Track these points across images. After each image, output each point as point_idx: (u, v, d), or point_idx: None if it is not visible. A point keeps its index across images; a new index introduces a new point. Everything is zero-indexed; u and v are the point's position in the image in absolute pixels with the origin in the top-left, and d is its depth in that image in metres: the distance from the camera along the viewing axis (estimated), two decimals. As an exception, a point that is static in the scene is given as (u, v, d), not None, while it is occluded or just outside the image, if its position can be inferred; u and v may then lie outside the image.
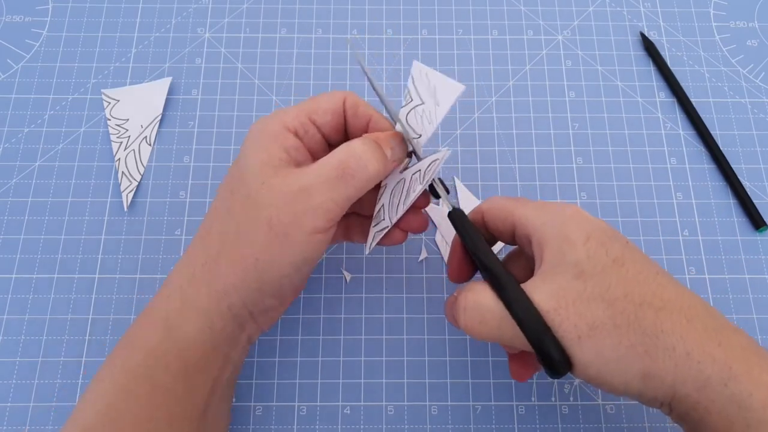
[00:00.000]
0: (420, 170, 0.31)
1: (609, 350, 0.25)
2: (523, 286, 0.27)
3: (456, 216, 0.31)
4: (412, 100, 0.31)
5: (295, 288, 0.32)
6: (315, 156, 0.31)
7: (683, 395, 0.24)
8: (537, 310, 0.26)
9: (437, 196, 0.32)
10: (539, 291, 0.26)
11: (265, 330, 0.33)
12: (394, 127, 0.32)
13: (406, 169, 0.32)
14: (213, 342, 0.29)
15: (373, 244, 0.33)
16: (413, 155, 0.32)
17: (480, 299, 0.27)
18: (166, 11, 0.48)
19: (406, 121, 0.31)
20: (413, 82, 0.31)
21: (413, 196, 0.31)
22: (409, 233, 0.34)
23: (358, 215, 0.35)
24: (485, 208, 0.31)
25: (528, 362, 0.32)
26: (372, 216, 0.34)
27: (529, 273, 0.29)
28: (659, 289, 0.26)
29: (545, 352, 0.25)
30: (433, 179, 0.31)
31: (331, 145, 0.32)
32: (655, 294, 0.25)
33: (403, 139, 0.31)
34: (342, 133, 0.32)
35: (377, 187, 0.33)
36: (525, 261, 0.32)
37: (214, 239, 0.29)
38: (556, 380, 0.37)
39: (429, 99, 0.31)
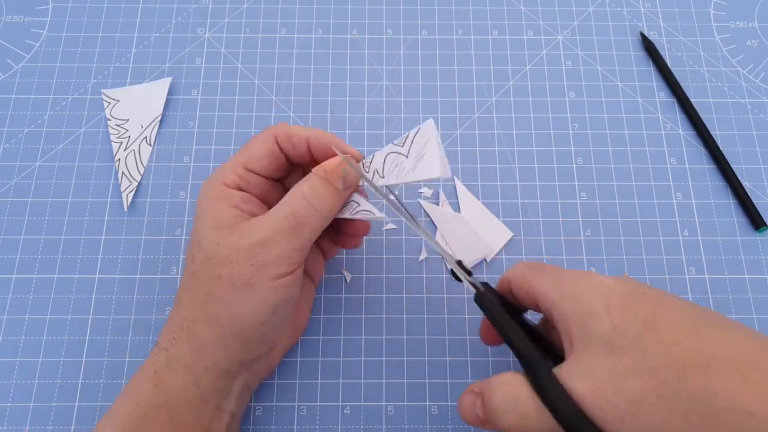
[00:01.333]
0: (358, 204, 0.31)
1: (659, 424, 0.22)
2: (558, 369, 0.25)
3: (482, 301, 0.29)
4: (402, 145, 0.30)
5: (283, 331, 0.32)
6: (265, 198, 0.32)
7: None
8: (570, 397, 0.24)
9: (459, 280, 0.31)
10: (573, 373, 0.24)
11: (264, 377, 0.34)
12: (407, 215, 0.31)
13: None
14: (201, 395, 0.29)
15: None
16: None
17: (518, 393, 0.25)
18: (166, 11, 0.48)
19: (384, 159, 0.30)
20: (415, 135, 0.30)
21: (339, 216, 0.31)
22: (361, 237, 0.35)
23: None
24: (511, 277, 0.30)
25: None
26: (337, 230, 0.34)
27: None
28: (701, 345, 0.23)
29: None
30: (453, 263, 0.30)
31: (278, 181, 0.33)
32: (698, 352, 0.23)
33: (350, 161, 0.30)
34: (286, 167, 0.32)
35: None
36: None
37: (184, 305, 0.30)
38: None
39: (412, 159, 0.30)
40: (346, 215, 0.31)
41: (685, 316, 0.25)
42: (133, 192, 0.42)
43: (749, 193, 0.42)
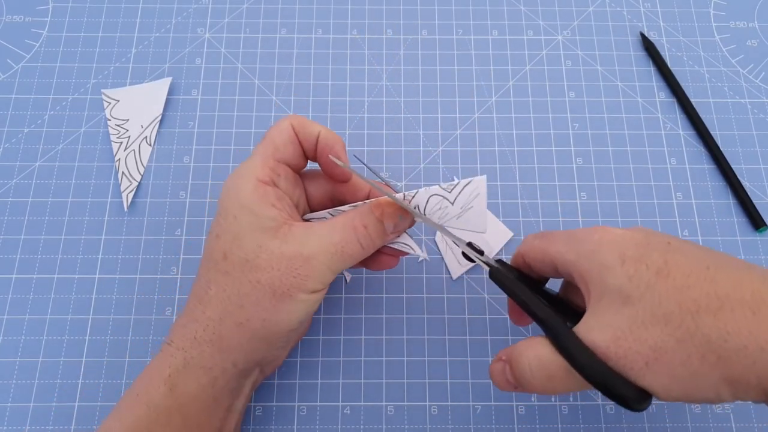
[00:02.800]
0: (409, 245, 0.33)
1: (681, 368, 0.23)
2: (577, 327, 0.26)
3: (497, 276, 0.30)
4: (450, 192, 0.30)
5: (300, 335, 0.34)
6: (290, 194, 0.31)
7: None
8: (593, 352, 0.25)
9: (471, 261, 0.31)
10: (593, 327, 0.25)
11: (269, 374, 0.34)
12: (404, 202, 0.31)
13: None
14: (215, 396, 0.29)
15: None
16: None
17: (542, 355, 0.26)
18: (166, 11, 0.48)
19: (428, 199, 0.30)
20: (465, 186, 0.30)
21: (396, 244, 0.32)
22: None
23: None
24: (524, 250, 0.30)
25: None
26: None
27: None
28: (712, 287, 0.24)
29: (614, 393, 0.24)
30: (464, 245, 0.31)
31: (299, 174, 0.33)
32: (709, 294, 0.24)
33: (408, 213, 0.31)
34: (303, 158, 0.32)
35: None
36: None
37: (213, 304, 0.29)
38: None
39: (457, 209, 0.30)
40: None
41: (697, 260, 0.25)
42: (133, 192, 0.42)
43: (749, 193, 0.42)
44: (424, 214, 0.31)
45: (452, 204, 0.30)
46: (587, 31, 0.48)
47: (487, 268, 0.31)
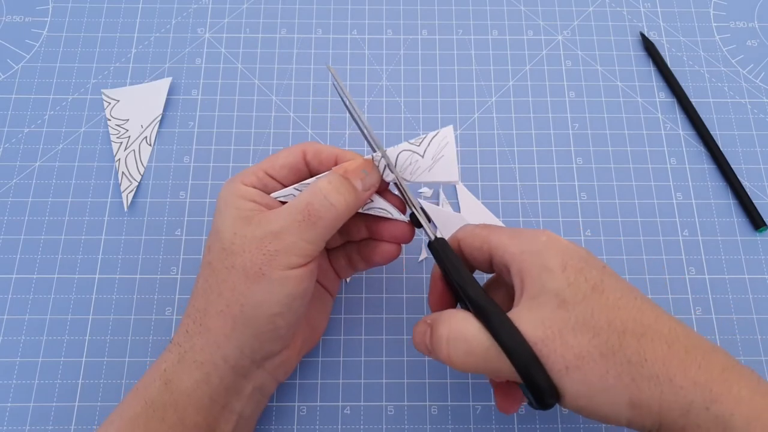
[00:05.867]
0: (371, 201, 0.32)
1: (597, 380, 0.25)
2: (509, 314, 0.26)
3: (438, 246, 0.30)
4: (419, 145, 0.31)
5: (298, 330, 0.32)
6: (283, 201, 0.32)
7: (670, 422, 0.24)
8: (524, 339, 0.25)
9: (419, 225, 0.31)
10: (525, 321, 0.26)
11: (281, 379, 0.34)
12: (372, 145, 0.32)
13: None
14: (210, 394, 0.29)
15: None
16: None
17: (464, 329, 0.27)
18: (166, 11, 0.48)
19: (397, 156, 0.31)
20: (432, 137, 0.31)
21: (373, 210, 0.32)
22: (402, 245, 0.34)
23: (352, 242, 0.35)
24: (461, 236, 0.31)
25: (513, 394, 0.31)
26: (363, 239, 0.34)
27: (508, 300, 0.28)
28: (639, 315, 0.26)
29: (534, 381, 0.25)
30: (415, 208, 0.31)
31: None
32: (636, 320, 0.25)
33: (374, 165, 0.31)
34: (300, 179, 0.32)
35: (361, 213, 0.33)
36: (504, 289, 0.32)
37: (199, 295, 0.30)
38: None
39: (428, 160, 0.31)
40: (380, 207, 0.32)
41: (628, 289, 0.27)
42: (133, 192, 0.42)
43: (749, 193, 0.42)
44: (393, 171, 0.31)
45: (422, 156, 0.31)
46: (587, 31, 0.48)
47: (432, 237, 0.30)
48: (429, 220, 0.31)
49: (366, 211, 0.32)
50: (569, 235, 0.41)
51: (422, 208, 0.31)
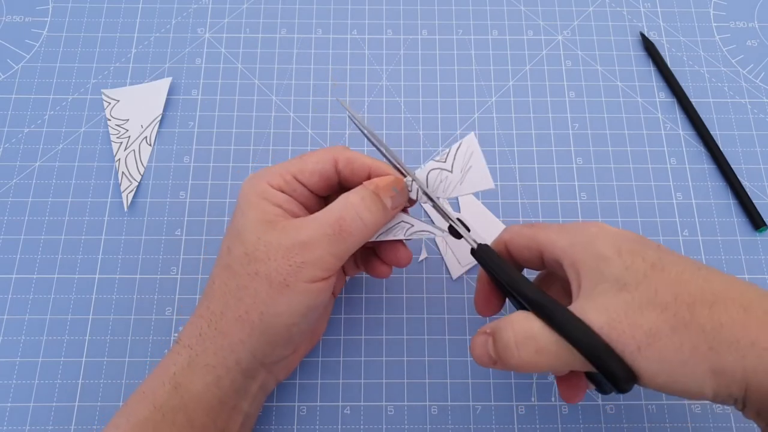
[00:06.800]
0: (411, 225, 0.31)
1: (672, 355, 0.24)
2: (570, 307, 0.26)
3: (483, 252, 0.30)
4: (445, 161, 0.31)
5: (307, 335, 0.32)
6: (307, 206, 0.31)
7: (756, 385, 0.24)
8: (591, 328, 0.25)
9: (458, 236, 0.31)
10: (588, 310, 0.25)
11: (281, 379, 0.34)
12: (398, 170, 0.31)
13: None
14: (220, 396, 0.29)
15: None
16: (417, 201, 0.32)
17: (530, 328, 0.26)
18: (166, 11, 0.48)
19: (427, 176, 0.31)
20: (457, 150, 0.30)
21: (388, 238, 0.31)
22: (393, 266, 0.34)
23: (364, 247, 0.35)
24: (507, 238, 0.31)
25: (578, 383, 0.31)
26: (368, 256, 0.34)
27: (565, 294, 0.28)
28: (707, 284, 0.25)
29: (608, 368, 0.25)
30: (452, 220, 0.31)
31: (323, 198, 0.32)
32: (704, 290, 0.25)
33: (405, 185, 0.31)
34: (334, 188, 0.32)
35: None
36: (559, 284, 0.32)
37: (216, 298, 0.29)
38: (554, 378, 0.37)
39: (458, 173, 0.30)
40: (400, 237, 0.31)
41: (689, 262, 0.26)
42: (133, 192, 0.42)
43: (749, 193, 0.42)
44: (427, 192, 0.31)
45: (451, 172, 0.30)
46: (587, 31, 0.48)
47: (475, 245, 0.30)
48: (468, 229, 0.31)
49: (407, 237, 0.31)
50: (569, 235, 0.41)
51: (459, 219, 0.31)
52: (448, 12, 0.49)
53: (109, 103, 0.44)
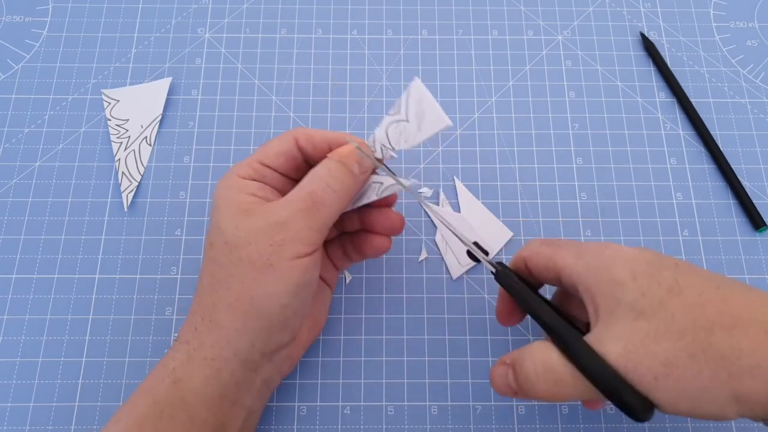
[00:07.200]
0: (381, 183, 0.32)
1: (691, 382, 0.24)
2: (587, 337, 0.26)
3: (503, 277, 0.30)
4: (398, 113, 0.31)
5: (305, 321, 0.32)
6: (280, 190, 0.32)
7: None
8: (605, 361, 0.25)
9: (477, 261, 0.32)
10: (604, 341, 0.25)
11: (286, 372, 0.34)
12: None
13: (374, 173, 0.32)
14: (221, 390, 0.29)
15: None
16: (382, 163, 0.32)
17: (549, 360, 0.26)
18: (166, 11, 0.48)
19: (386, 132, 0.31)
20: (407, 98, 0.31)
21: (363, 202, 0.32)
22: (392, 237, 0.35)
23: (346, 233, 0.36)
24: (526, 255, 0.31)
25: (600, 402, 0.31)
26: (356, 230, 0.35)
27: (585, 310, 0.28)
28: (725, 306, 0.24)
29: (623, 402, 0.24)
30: (469, 244, 0.31)
31: (295, 180, 0.33)
32: (722, 312, 0.24)
33: (367, 146, 0.31)
34: (303, 168, 0.33)
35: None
36: (580, 298, 0.32)
37: (206, 291, 0.30)
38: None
39: (414, 120, 0.31)
40: (374, 198, 0.32)
41: (707, 280, 0.26)
42: (133, 192, 0.42)
43: (749, 193, 0.42)
44: (391, 147, 0.31)
45: (408, 121, 0.31)
46: (587, 31, 0.48)
47: (493, 270, 0.31)
48: (486, 253, 0.31)
49: (380, 196, 0.32)
50: (569, 235, 0.41)
51: (476, 243, 0.31)
52: (448, 12, 0.49)
53: (109, 103, 0.44)
